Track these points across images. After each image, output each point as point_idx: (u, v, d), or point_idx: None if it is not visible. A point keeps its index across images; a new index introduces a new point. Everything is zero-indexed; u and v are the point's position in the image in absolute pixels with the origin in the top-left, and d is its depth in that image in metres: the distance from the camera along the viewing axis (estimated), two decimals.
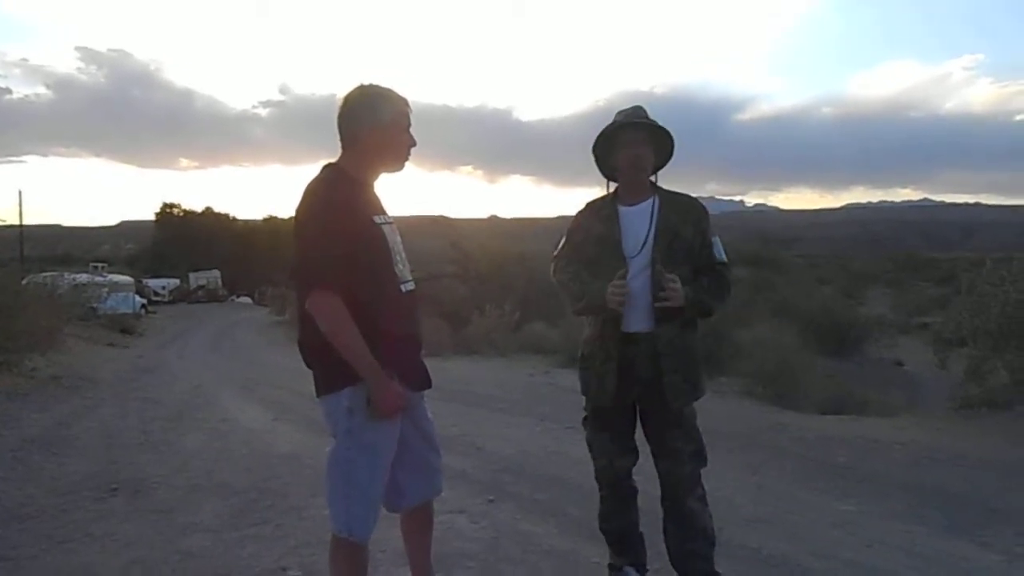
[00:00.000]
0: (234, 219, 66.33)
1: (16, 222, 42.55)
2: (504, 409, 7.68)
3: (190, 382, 10.61)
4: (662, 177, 2.86)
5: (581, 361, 2.88)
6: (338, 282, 2.18)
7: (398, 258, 2.39)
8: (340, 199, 2.26)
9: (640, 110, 2.81)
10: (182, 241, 57.54)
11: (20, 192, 44.50)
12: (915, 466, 5.14)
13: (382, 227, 2.34)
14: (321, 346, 2.22)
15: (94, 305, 21.51)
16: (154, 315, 33.06)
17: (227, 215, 65.71)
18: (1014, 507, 4.22)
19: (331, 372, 2.28)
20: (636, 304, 2.67)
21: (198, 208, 64.10)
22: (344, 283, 2.19)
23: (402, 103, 2.39)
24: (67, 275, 17.91)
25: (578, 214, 2.94)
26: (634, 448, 2.85)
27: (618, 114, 2.83)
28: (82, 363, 12.26)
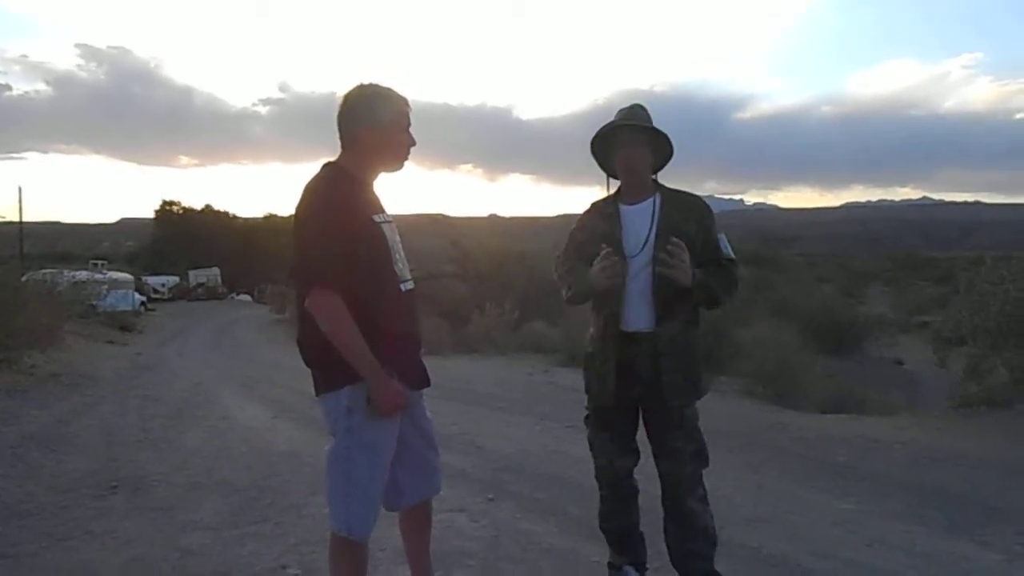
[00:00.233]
0: (234, 217, 66.35)
1: (16, 219, 42.55)
2: (504, 408, 7.68)
3: (190, 380, 10.60)
4: (662, 177, 2.86)
5: (584, 360, 2.89)
6: (338, 281, 2.18)
7: (397, 257, 2.39)
8: (340, 198, 2.26)
9: (637, 109, 2.78)
10: (182, 239, 57.53)
11: (20, 189, 44.57)
12: (915, 465, 5.14)
13: (382, 226, 2.34)
14: (321, 345, 2.22)
15: (94, 302, 21.50)
16: (154, 313, 33.05)
17: (227, 213, 65.74)
18: (1014, 506, 4.22)
19: (330, 371, 2.28)
20: (636, 303, 2.67)
21: (198, 206, 64.15)
22: (344, 282, 2.19)
23: (402, 102, 2.39)
24: (67, 272, 17.87)
25: (583, 213, 2.95)
26: (635, 449, 2.84)
27: (618, 113, 2.83)
28: (82, 360, 12.26)
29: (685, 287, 2.58)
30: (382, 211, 2.40)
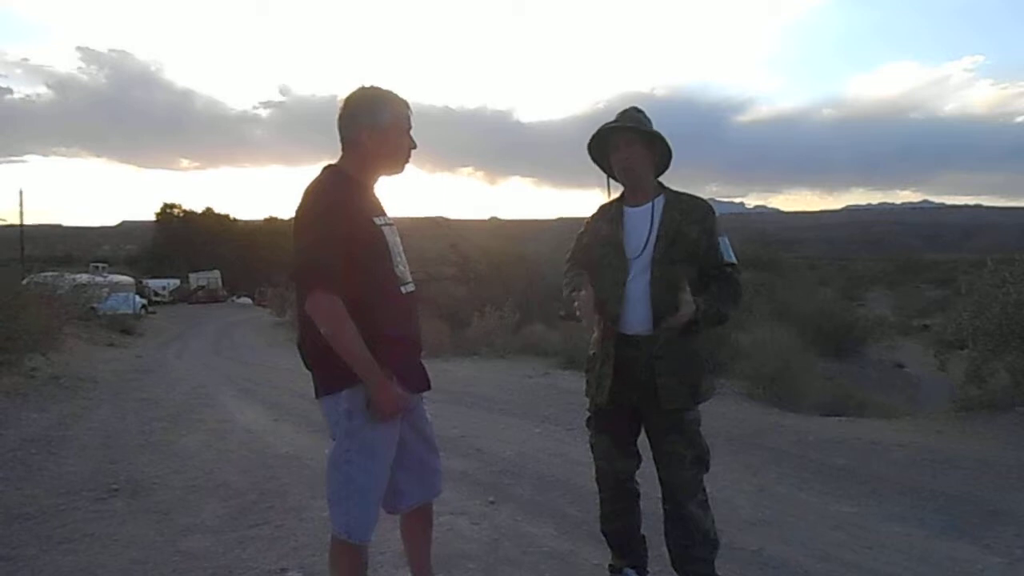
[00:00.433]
0: (234, 220, 66.47)
1: (17, 222, 42.54)
2: (504, 411, 7.68)
3: (190, 383, 10.60)
4: (665, 180, 2.86)
5: (586, 362, 2.89)
6: (338, 283, 2.18)
7: (398, 259, 2.39)
8: (340, 200, 2.26)
9: (631, 112, 2.78)
10: (182, 242, 57.63)
11: (21, 192, 44.54)
12: (915, 468, 5.14)
13: (382, 228, 2.34)
14: (321, 347, 2.22)
15: (94, 305, 21.54)
16: (154, 316, 33.09)
17: (227, 216, 65.86)
18: (1015, 509, 4.21)
19: (330, 374, 2.28)
20: (636, 306, 2.67)
21: (198, 209, 64.29)
22: (344, 284, 2.18)
23: (403, 105, 2.39)
24: (68, 275, 17.90)
25: (590, 216, 2.96)
26: (636, 452, 2.84)
27: (617, 116, 2.83)
28: (82, 363, 12.25)
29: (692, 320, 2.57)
30: (383, 213, 2.40)
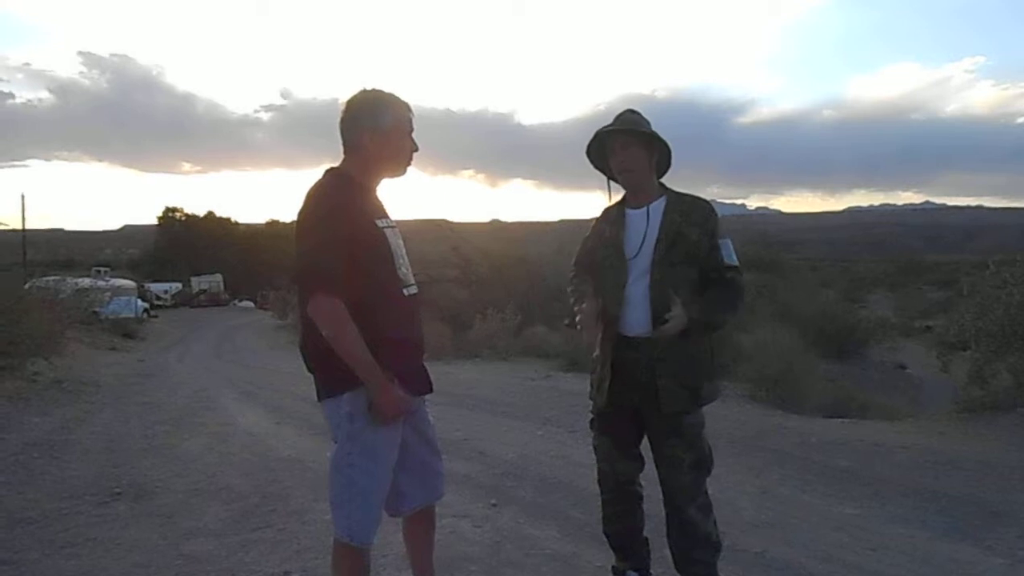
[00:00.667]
0: (236, 223, 66.56)
1: (19, 226, 42.59)
2: (506, 413, 7.67)
3: (192, 386, 10.61)
4: (665, 181, 2.86)
5: (591, 364, 2.89)
6: (340, 286, 2.18)
7: (401, 262, 2.39)
8: (342, 202, 2.26)
9: (627, 114, 2.77)
10: (184, 245, 57.71)
11: (23, 196, 44.48)
12: (918, 469, 5.13)
13: (384, 231, 2.34)
14: (323, 350, 2.22)
15: (96, 309, 21.54)
16: (156, 319, 33.11)
17: (229, 219, 65.96)
18: (1017, 510, 4.20)
19: (332, 376, 2.28)
20: (636, 308, 2.67)
21: (200, 212, 64.41)
22: (346, 287, 2.19)
23: (404, 108, 2.40)
24: (70, 279, 17.91)
25: (596, 219, 2.96)
26: (638, 455, 2.84)
27: (613, 119, 2.83)
28: (84, 367, 12.26)
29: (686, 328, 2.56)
30: (385, 216, 2.40)
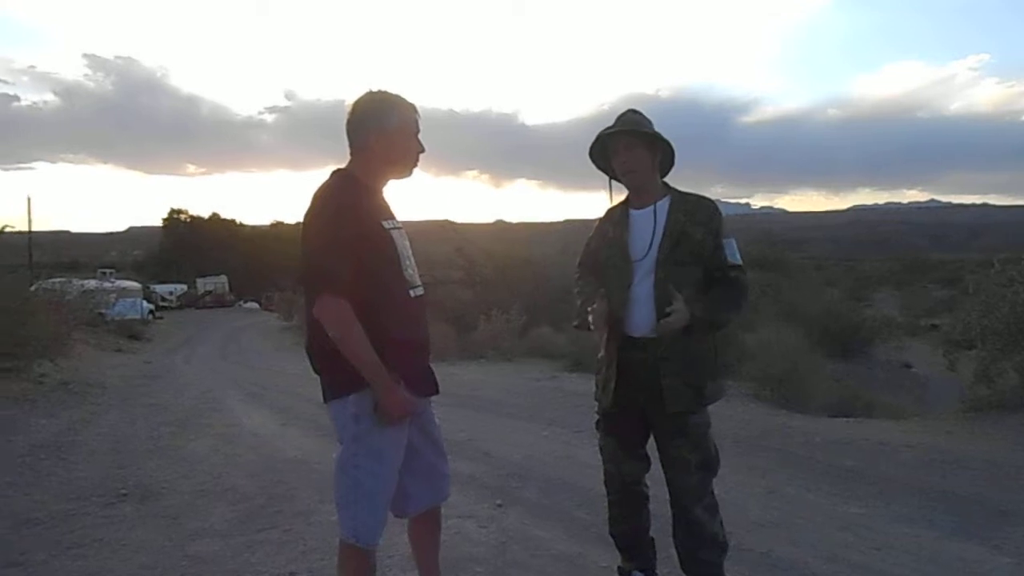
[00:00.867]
0: (241, 225, 66.72)
1: (25, 228, 42.67)
2: (511, 414, 7.68)
3: (198, 388, 10.63)
4: (669, 180, 2.85)
5: (596, 364, 2.89)
6: (346, 287, 2.18)
7: (407, 263, 2.39)
8: (348, 204, 2.26)
9: (629, 114, 2.76)
10: (189, 247, 57.84)
11: (29, 198, 44.66)
12: (924, 469, 5.11)
13: (391, 232, 2.34)
14: (329, 351, 2.22)
15: (102, 311, 21.62)
16: (162, 321, 33.20)
17: (234, 221, 66.13)
18: None
19: (338, 378, 2.28)
20: (640, 307, 2.67)
21: (205, 214, 64.57)
22: (352, 288, 2.19)
23: (410, 109, 2.40)
24: (76, 281, 17.97)
25: (599, 220, 2.96)
26: (644, 455, 2.83)
27: (615, 120, 2.82)
28: (90, 369, 12.30)
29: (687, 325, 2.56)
30: (391, 217, 2.40)
